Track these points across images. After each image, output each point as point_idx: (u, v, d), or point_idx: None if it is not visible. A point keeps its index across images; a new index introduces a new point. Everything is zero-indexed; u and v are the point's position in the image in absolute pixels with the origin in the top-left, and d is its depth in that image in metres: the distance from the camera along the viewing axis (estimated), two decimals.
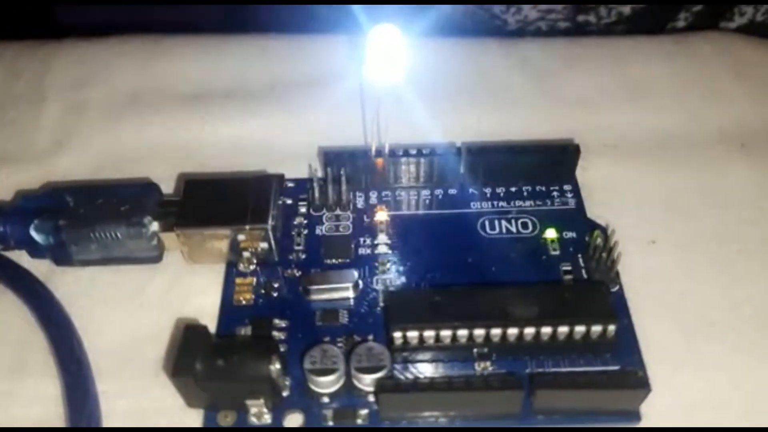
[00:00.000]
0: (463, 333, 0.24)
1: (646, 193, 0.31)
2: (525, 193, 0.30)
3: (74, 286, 0.27)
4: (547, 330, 0.24)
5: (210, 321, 0.26)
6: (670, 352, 0.26)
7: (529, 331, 0.24)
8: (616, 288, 0.27)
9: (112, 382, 0.25)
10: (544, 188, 0.30)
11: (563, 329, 0.24)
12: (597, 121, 0.34)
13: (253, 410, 0.24)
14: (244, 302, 0.27)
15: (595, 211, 0.29)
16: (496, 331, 0.24)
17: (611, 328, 0.24)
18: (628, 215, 0.29)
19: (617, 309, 0.25)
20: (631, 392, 0.23)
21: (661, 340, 0.26)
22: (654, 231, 0.29)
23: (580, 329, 0.24)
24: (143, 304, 0.27)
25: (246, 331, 0.26)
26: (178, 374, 0.23)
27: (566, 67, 0.36)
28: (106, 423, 0.24)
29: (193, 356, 0.23)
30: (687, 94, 0.35)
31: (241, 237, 0.27)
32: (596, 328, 0.24)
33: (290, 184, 0.30)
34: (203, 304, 0.27)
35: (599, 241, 0.27)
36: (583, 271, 0.27)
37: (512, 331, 0.24)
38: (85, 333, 0.26)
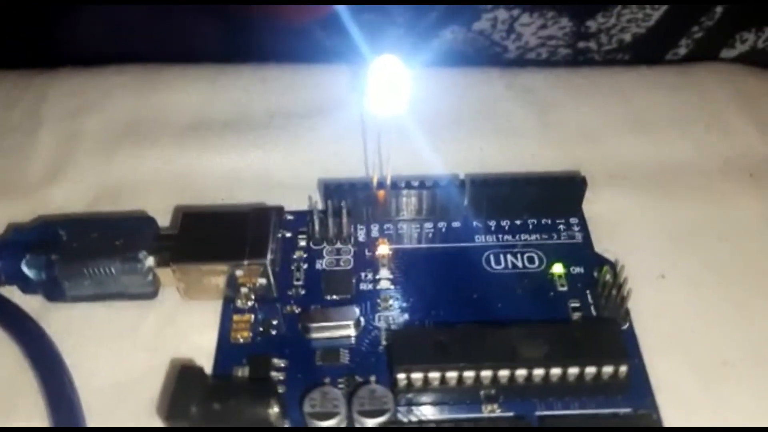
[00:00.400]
0: (469, 375, 0.23)
1: (653, 226, 0.30)
2: (530, 227, 0.29)
3: (67, 323, 0.26)
4: (556, 371, 0.23)
5: (206, 360, 0.25)
6: (683, 393, 0.25)
7: (539, 372, 0.23)
8: (626, 325, 0.26)
9: (104, 423, 0.24)
10: (549, 221, 0.29)
11: (573, 370, 0.23)
12: (601, 152, 0.33)
13: None
14: (241, 340, 0.26)
15: (602, 245, 0.29)
16: (504, 373, 0.23)
17: (623, 368, 0.23)
18: (636, 249, 0.29)
19: (628, 348, 0.24)
20: None
21: (673, 380, 0.25)
22: (663, 265, 0.28)
23: (590, 370, 0.23)
24: (137, 342, 0.26)
25: (243, 371, 0.25)
26: (172, 417, 0.22)
27: (569, 97, 0.35)
28: None
29: (189, 399, 0.22)
30: (691, 125, 0.34)
31: (239, 272, 0.26)
32: (608, 369, 0.23)
33: (289, 217, 0.30)
34: (199, 342, 0.26)
35: (608, 276, 0.27)
36: (592, 308, 0.27)
37: (521, 373, 0.23)
38: (77, 372, 0.25)
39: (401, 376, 0.23)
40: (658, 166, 0.32)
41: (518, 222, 0.29)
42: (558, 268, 0.28)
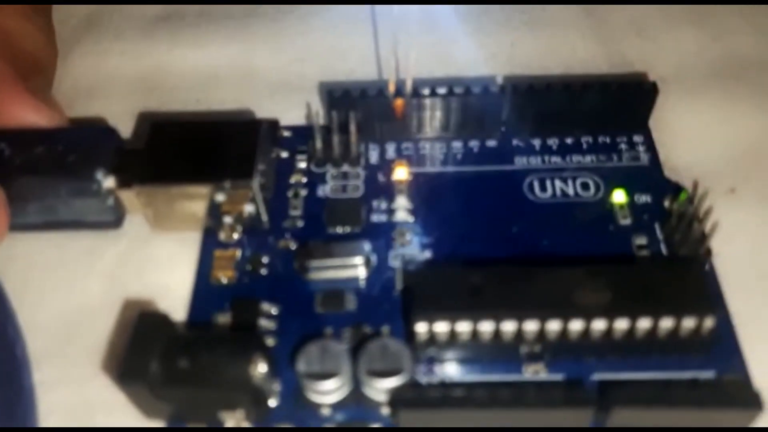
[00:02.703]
0: (509, 326, 0.18)
1: (721, 136, 0.24)
2: (585, 146, 0.24)
3: (9, 257, 0.22)
4: (622, 324, 0.18)
5: (180, 304, 0.20)
6: None
7: (599, 324, 0.18)
8: (707, 266, 0.21)
9: (51, 370, 0.19)
10: (608, 139, 0.24)
11: (644, 323, 0.18)
12: (656, 47, 0.27)
13: (230, 423, 0.18)
14: (224, 280, 0.21)
15: (668, 164, 0.23)
16: (554, 325, 0.18)
17: (709, 322, 0.18)
18: (702, 163, 0.23)
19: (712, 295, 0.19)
20: (739, 413, 0.17)
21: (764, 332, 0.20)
22: (734, 179, 0.23)
23: (666, 324, 0.18)
24: (93, 280, 0.21)
25: (225, 318, 0.20)
26: (126, 379, 0.17)
27: None
28: (44, 422, 0.19)
29: (147, 355, 0.17)
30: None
31: (219, 197, 0.21)
32: (688, 323, 0.18)
33: (285, 133, 0.24)
34: (172, 281, 0.21)
35: (685, 206, 0.21)
36: (662, 246, 0.21)
37: (576, 325, 0.18)
38: (21, 312, 0.20)
39: (421, 326, 0.18)
40: (723, 64, 0.26)
41: (569, 140, 0.24)
42: (619, 196, 0.22)
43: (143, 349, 0.17)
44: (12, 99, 0.22)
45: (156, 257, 0.22)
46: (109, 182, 0.21)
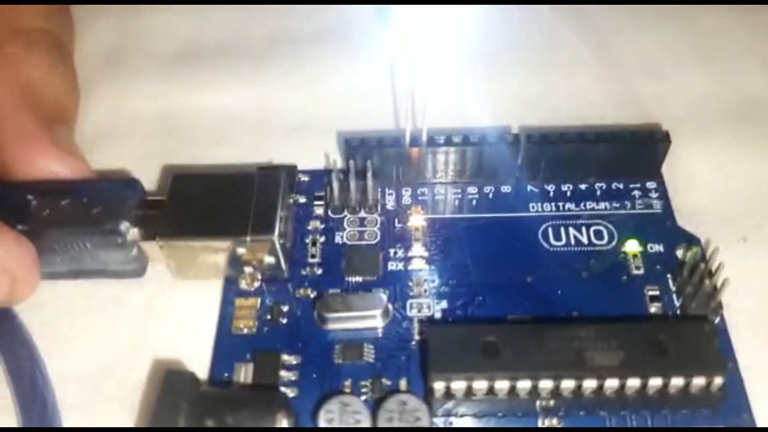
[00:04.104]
0: (524, 385, 0.19)
1: (731, 181, 0.25)
2: (598, 192, 0.24)
3: (39, 304, 0.22)
4: (633, 382, 0.19)
5: (201, 354, 0.21)
6: None
7: (611, 383, 0.19)
8: (717, 320, 0.21)
9: (81, 421, 0.20)
10: (621, 186, 0.24)
11: (655, 382, 0.19)
12: (666, 88, 0.27)
13: None
14: (245, 330, 0.21)
15: (680, 213, 0.23)
16: (568, 383, 0.19)
17: (718, 380, 0.19)
18: (713, 210, 0.24)
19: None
20: None
21: None
22: (744, 227, 0.23)
23: (677, 382, 0.19)
24: (118, 330, 0.22)
25: (247, 369, 0.21)
26: None
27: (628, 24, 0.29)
28: None
29: (175, 412, 0.18)
30: None
31: (241, 250, 0.21)
32: (699, 381, 0.19)
33: (303, 178, 0.25)
34: (194, 331, 0.21)
35: (696, 260, 0.21)
36: (674, 297, 0.22)
37: (589, 384, 0.19)
38: (51, 360, 0.21)
39: (439, 385, 0.19)
40: (734, 105, 0.27)
41: (583, 186, 0.24)
42: (632, 246, 0.23)
43: (172, 408, 0.18)
44: (37, 150, 0.22)
45: (179, 305, 0.22)
46: (133, 234, 0.22)
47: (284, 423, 0.18)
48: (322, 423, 0.19)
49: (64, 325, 0.22)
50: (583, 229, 0.23)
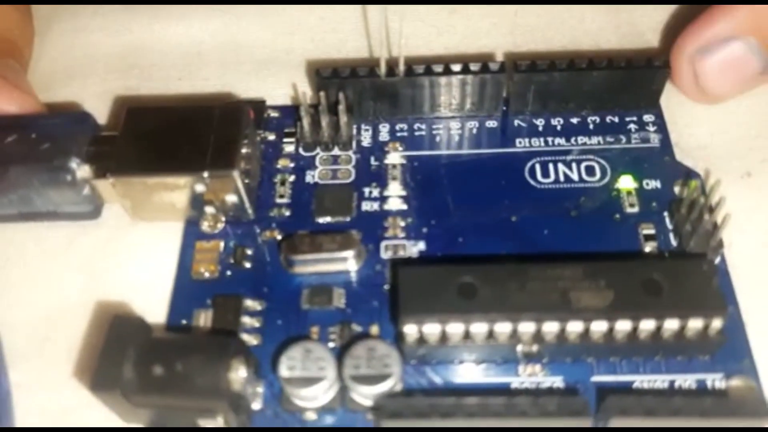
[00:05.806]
0: (503, 328, 0.17)
1: (744, 114, 0.23)
2: (591, 126, 0.22)
3: None
4: (623, 325, 0.17)
5: (160, 300, 0.19)
6: None
7: (599, 326, 0.17)
8: (717, 259, 0.19)
9: (28, 371, 0.19)
10: (616, 119, 0.22)
11: (647, 325, 0.17)
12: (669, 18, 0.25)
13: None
14: (206, 275, 0.20)
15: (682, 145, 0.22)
16: (551, 326, 0.17)
17: (716, 323, 0.17)
18: (714, 143, 0.22)
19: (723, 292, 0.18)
20: (748, 419, 0.16)
21: None
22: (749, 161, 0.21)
23: (671, 325, 0.17)
24: (68, 274, 0.20)
25: (207, 314, 0.19)
26: (98, 388, 0.16)
27: None
28: (21, 424, 0.18)
29: (121, 362, 0.16)
30: None
31: (200, 188, 0.20)
32: (695, 324, 0.17)
33: (272, 114, 0.23)
34: (151, 276, 0.20)
35: (696, 195, 0.20)
36: (671, 236, 0.20)
37: (574, 327, 0.17)
38: None
39: (410, 328, 0.17)
40: None
41: (575, 120, 0.22)
42: (626, 182, 0.21)
43: (117, 355, 0.16)
44: None
45: (136, 249, 0.21)
46: (83, 171, 0.20)
47: (241, 371, 0.17)
48: (283, 371, 0.17)
49: (13, 270, 0.20)
50: (574, 165, 0.21)
